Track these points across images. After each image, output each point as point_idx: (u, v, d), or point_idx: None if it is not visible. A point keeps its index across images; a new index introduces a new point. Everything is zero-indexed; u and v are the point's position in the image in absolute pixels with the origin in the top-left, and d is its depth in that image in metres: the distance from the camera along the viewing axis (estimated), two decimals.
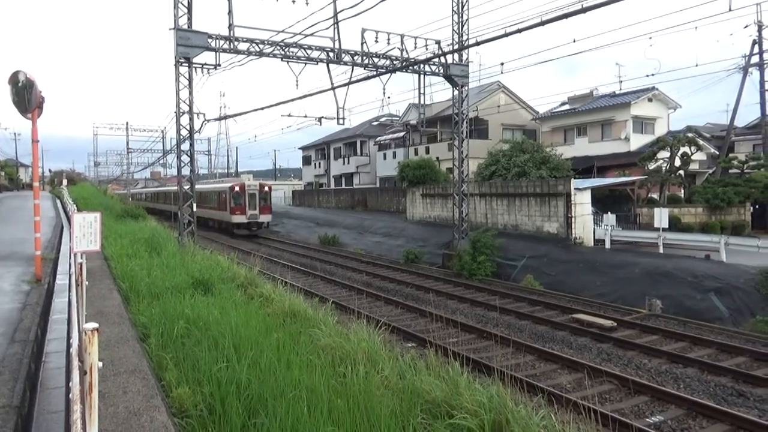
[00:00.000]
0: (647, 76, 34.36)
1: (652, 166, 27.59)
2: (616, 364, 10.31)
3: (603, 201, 25.45)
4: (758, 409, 8.30)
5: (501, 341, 10.73)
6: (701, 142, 29.81)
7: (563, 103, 39.72)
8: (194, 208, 21.16)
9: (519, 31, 13.66)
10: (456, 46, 23.32)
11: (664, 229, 19.63)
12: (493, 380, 5.95)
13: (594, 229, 22.19)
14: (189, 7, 19.51)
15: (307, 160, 63.51)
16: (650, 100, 34.53)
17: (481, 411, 5.18)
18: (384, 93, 29.28)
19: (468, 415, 5.16)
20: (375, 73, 22.27)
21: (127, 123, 63.12)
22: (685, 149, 27.53)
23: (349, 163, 53.24)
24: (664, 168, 27.48)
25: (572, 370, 9.90)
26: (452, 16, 23.72)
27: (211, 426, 4.87)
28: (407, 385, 5.95)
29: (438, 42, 23.90)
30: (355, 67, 22.34)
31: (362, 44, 22.11)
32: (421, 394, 5.75)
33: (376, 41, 22.31)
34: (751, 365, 10.36)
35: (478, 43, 15.69)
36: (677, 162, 27.46)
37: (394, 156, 45.10)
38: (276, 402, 5.03)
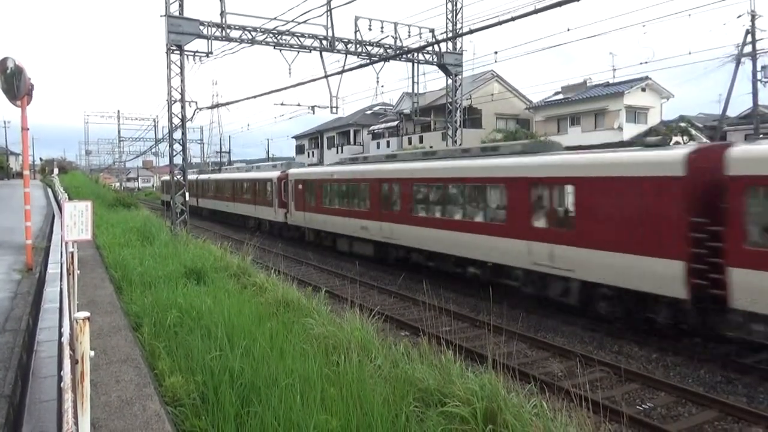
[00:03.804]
0: (641, 63, 34.51)
1: None
2: None
3: None
4: None
5: None
6: (694, 132, 29.90)
7: (557, 93, 39.71)
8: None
9: (513, 19, 13.62)
10: (450, 35, 23.23)
11: None
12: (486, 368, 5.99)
13: None
14: None
15: (300, 149, 63.25)
16: (643, 89, 34.58)
17: (473, 399, 5.21)
18: (377, 82, 29.25)
19: (460, 403, 5.20)
20: (368, 61, 22.16)
21: (118, 111, 62.95)
22: (678, 139, 27.62)
23: (342, 152, 53.04)
24: None
25: None
26: (446, 4, 23.60)
27: (205, 414, 4.87)
28: (400, 374, 5.98)
29: (432, 30, 23.80)
30: (348, 56, 22.23)
31: (355, 32, 21.98)
32: (413, 383, 5.78)
33: (370, 29, 22.20)
34: None
35: (471, 32, 15.64)
36: None
37: (388, 145, 45.00)
38: (269, 390, 5.04)
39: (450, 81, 24.84)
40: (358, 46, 22.15)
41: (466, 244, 13.94)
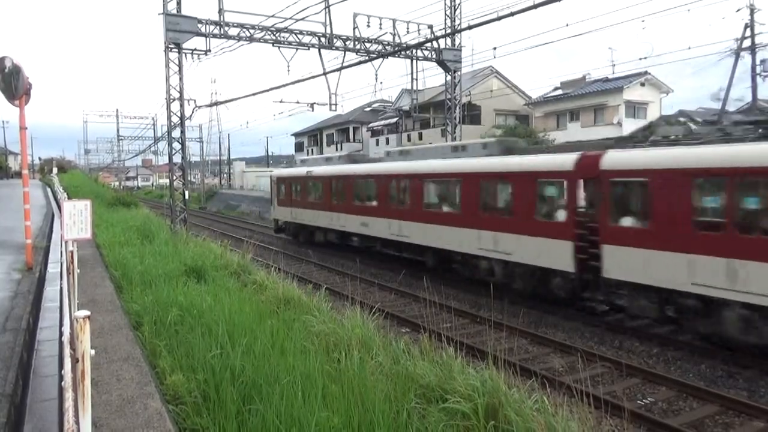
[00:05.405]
0: (640, 59, 34.39)
1: None
2: None
3: None
4: None
5: None
6: (693, 127, 29.83)
7: (556, 88, 39.64)
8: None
9: (512, 14, 13.61)
10: (448, 31, 23.18)
11: None
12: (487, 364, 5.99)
13: None
14: None
15: (299, 147, 63.19)
16: (643, 84, 34.53)
17: (474, 395, 5.21)
18: (376, 78, 29.16)
19: (462, 399, 5.20)
20: (367, 58, 22.12)
21: (117, 110, 62.86)
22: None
23: (341, 149, 53.02)
24: None
25: None
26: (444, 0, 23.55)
27: (206, 412, 4.87)
28: (401, 370, 5.98)
29: (430, 27, 23.75)
30: (347, 53, 22.18)
31: (354, 29, 21.93)
32: (415, 379, 5.78)
33: (368, 26, 22.16)
34: None
35: (470, 27, 15.61)
36: None
37: (387, 142, 44.91)
38: (270, 388, 5.03)
39: (449, 77, 24.80)
40: (356, 42, 22.10)
41: None
